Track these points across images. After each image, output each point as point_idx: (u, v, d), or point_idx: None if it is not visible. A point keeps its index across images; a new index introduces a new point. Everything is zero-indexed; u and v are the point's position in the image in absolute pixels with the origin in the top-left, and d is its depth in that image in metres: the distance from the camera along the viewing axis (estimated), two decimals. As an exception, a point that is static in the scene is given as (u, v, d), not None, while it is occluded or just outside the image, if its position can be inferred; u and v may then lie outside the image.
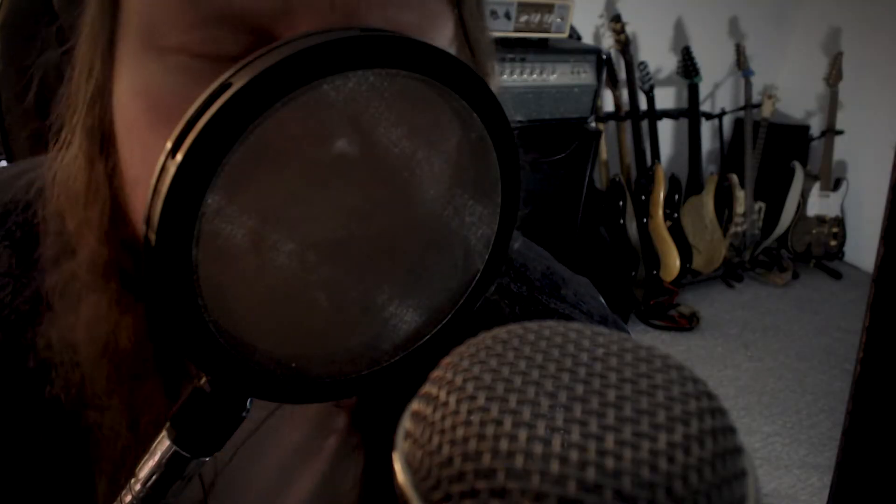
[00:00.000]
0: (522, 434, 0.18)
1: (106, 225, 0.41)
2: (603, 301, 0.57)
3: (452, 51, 0.41)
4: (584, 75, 2.12)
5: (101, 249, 0.41)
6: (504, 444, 0.18)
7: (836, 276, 3.22)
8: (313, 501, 0.50)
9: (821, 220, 3.14)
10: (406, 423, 0.21)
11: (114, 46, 0.39)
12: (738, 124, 3.23)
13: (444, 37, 0.39)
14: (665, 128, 3.11)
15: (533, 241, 0.59)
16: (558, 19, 2.01)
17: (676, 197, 2.81)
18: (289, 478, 0.50)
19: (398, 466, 0.20)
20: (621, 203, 2.67)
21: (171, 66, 0.35)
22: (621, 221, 2.68)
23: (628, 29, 2.67)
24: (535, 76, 2.02)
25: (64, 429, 0.45)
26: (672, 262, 2.73)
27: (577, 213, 2.24)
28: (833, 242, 3.17)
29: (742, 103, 3.04)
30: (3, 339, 0.46)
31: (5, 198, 0.49)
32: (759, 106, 3.01)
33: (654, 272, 2.71)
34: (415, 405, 0.21)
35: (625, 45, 2.66)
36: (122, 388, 0.42)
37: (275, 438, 0.49)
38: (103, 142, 0.41)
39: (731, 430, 0.20)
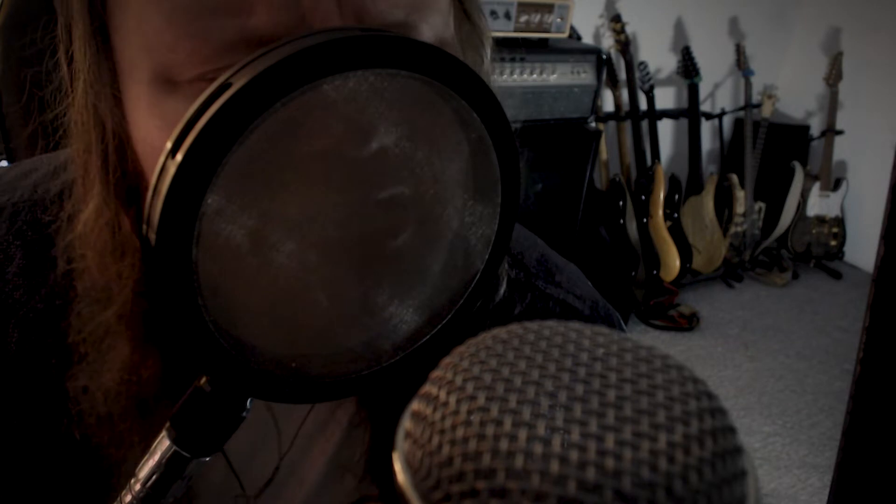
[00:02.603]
0: (522, 434, 0.18)
1: (139, 275, 0.41)
2: (592, 287, 0.60)
3: (454, 39, 0.41)
4: (584, 75, 2.12)
5: (138, 300, 0.41)
6: (504, 444, 0.18)
7: (836, 276, 3.21)
8: (328, 471, 0.52)
9: (821, 220, 3.14)
10: (406, 423, 0.21)
11: (118, 93, 0.39)
12: (738, 124, 3.23)
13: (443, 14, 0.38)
14: (665, 128, 3.11)
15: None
16: (558, 19, 2.01)
17: (676, 197, 2.81)
18: (308, 448, 0.52)
19: (398, 466, 0.20)
20: (621, 203, 2.67)
21: (193, 94, 0.34)
22: (621, 221, 2.68)
23: (628, 29, 2.67)
24: (535, 76, 2.02)
25: (83, 463, 0.46)
26: (672, 262, 2.73)
27: (577, 213, 2.24)
28: (833, 242, 3.17)
29: (742, 103, 3.04)
30: (21, 338, 0.47)
31: (13, 198, 0.49)
32: (759, 106, 3.01)
33: (654, 272, 2.71)
34: (415, 405, 0.21)
35: (625, 45, 2.65)
36: (142, 426, 0.43)
37: (300, 412, 0.51)
38: (128, 192, 0.40)
39: (731, 430, 0.20)
